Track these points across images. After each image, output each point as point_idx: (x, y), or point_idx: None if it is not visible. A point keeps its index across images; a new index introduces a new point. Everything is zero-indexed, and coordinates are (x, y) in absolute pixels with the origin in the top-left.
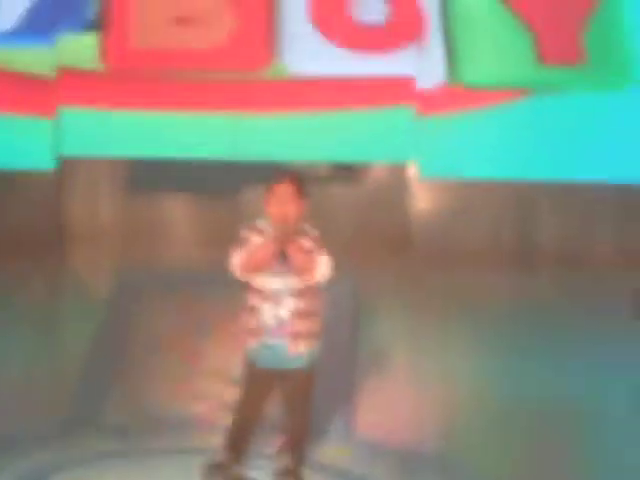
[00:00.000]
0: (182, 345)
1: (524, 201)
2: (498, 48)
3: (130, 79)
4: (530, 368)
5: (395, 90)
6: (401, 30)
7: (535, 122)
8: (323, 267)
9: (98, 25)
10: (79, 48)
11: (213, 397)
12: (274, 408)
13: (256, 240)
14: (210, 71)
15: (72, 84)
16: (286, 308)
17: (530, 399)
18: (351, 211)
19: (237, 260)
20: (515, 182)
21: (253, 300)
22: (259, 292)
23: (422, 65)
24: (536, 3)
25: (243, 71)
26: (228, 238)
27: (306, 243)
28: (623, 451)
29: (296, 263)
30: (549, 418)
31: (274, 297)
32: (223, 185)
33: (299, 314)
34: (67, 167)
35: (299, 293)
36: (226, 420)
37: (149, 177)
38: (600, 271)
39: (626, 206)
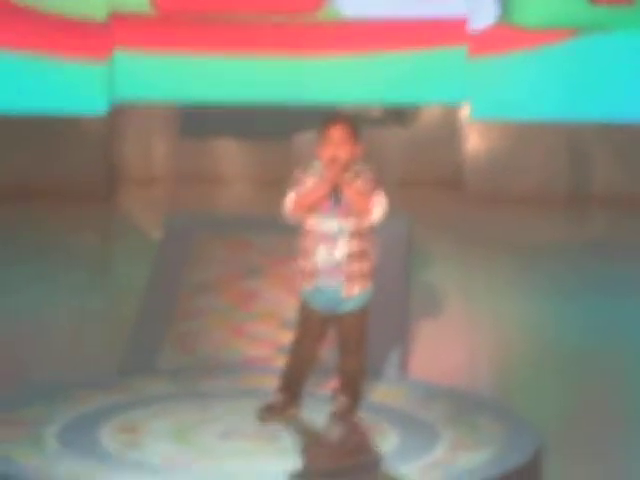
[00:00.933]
0: (235, 288)
1: (577, 142)
2: None
3: (181, 23)
4: (580, 310)
5: (447, 31)
6: None
7: (587, 62)
8: (378, 208)
9: None
10: None
11: (267, 339)
12: (329, 350)
13: (310, 182)
14: (262, 14)
15: (124, 28)
16: (340, 249)
17: (579, 340)
18: (404, 153)
19: (290, 201)
20: (567, 123)
21: (307, 242)
22: (313, 234)
23: (473, 6)
24: None
25: (295, 13)
26: (281, 181)
27: (360, 184)
28: None
29: (351, 204)
30: (596, 359)
31: (328, 239)
32: (276, 129)
33: (353, 256)
34: (120, 112)
35: (353, 234)
36: (280, 362)
37: (202, 122)
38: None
39: None
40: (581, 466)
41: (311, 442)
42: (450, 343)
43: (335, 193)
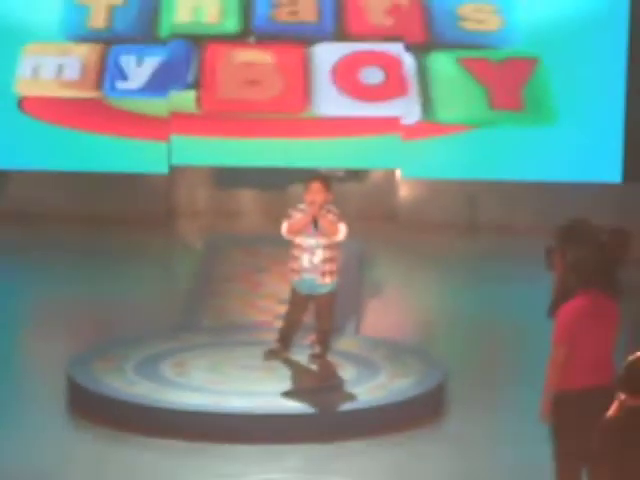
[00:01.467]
0: (249, 279)
1: (472, 192)
2: (461, 97)
3: (216, 118)
4: (478, 294)
5: (388, 124)
6: (392, 89)
7: (483, 144)
8: (342, 231)
9: (196, 85)
10: (184, 99)
11: (270, 311)
12: (309, 317)
13: (297, 215)
14: (268, 113)
15: (179, 122)
16: (317, 256)
17: (478, 315)
18: (358, 198)
19: (285, 227)
20: (467, 180)
21: (296, 251)
22: (300, 246)
23: (406, 109)
24: (487, 69)
25: (289, 113)
26: (281, 215)
27: (331, 217)
28: (536, 347)
29: (324, 229)
30: (490, 326)
31: (310, 249)
32: (276, 183)
33: (325, 259)
34: (175, 172)
35: (326, 247)
36: (278, 324)
37: (229, 177)
38: (522, 237)
39: (542, 196)
40: (478, 393)
41: (298, 373)
42: (389, 313)
43: (314, 222)
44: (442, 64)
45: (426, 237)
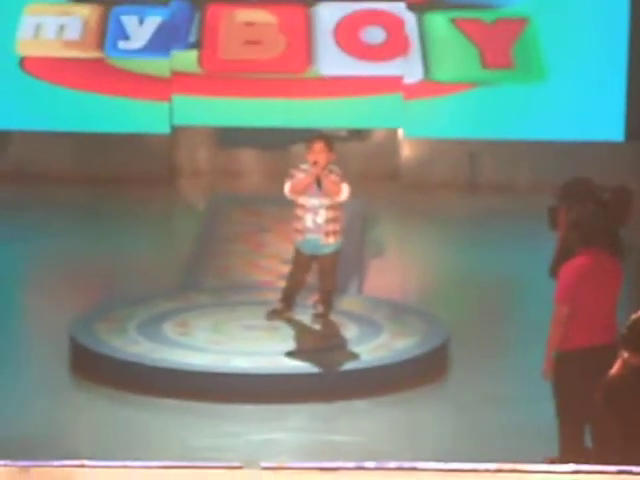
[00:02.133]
0: (252, 239)
1: (472, 150)
2: (455, 57)
3: (218, 78)
4: (480, 253)
5: (390, 84)
6: (393, 48)
7: (480, 103)
8: (345, 191)
9: (198, 45)
10: (185, 59)
11: (273, 271)
12: (313, 277)
13: (300, 175)
14: (270, 73)
15: (180, 82)
16: (320, 216)
17: (479, 274)
18: (361, 158)
19: (288, 187)
20: (466, 139)
21: (299, 211)
22: (303, 206)
23: (407, 69)
24: (480, 29)
25: (290, 73)
26: (282, 175)
27: (333, 177)
28: (538, 306)
29: (327, 189)
30: (492, 287)
31: (313, 210)
32: (278, 142)
33: (328, 220)
34: (177, 132)
35: (329, 207)
36: (281, 284)
37: (231, 137)
38: (523, 195)
39: (543, 155)
40: (480, 353)
41: (301, 332)
42: (390, 273)
43: (318, 182)
44: (438, 24)
45: (428, 196)
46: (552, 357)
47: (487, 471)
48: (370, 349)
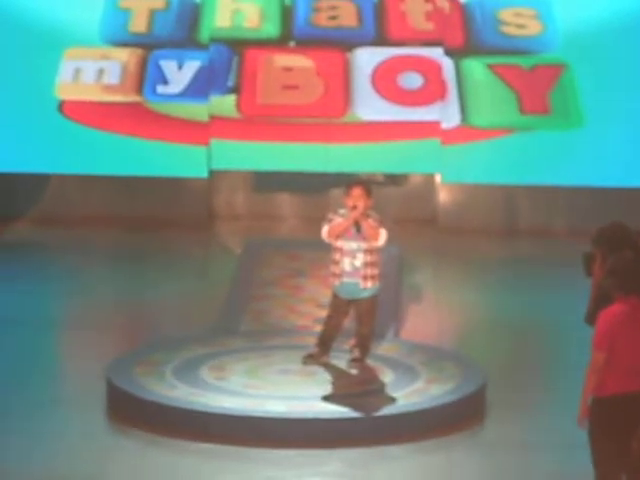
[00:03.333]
0: (289, 283)
1: (509, 196)
2: (493, 103)
3: (256, 123)
4: (516, 299)
5: (428, 129)
6: (431, 93)
7: (517, 149)
8: (382, 236)
9: (236, 89)
10: (224, 104)
11: (309, 315)
12: (350, 322)
13: (338, 220)
14: (307, 117)
15: (219, 126)
16: (359, 260)
17: (515, 319)
18: (398, 203)
19: (326, 230)
20: (503, 185)
21: (337, 255)
22: (341, 250)
23: (445, 114)
24: (518, 75)
25: (329, 117)
26: (321, 220)
27: (372, 222)
28: (573, 352)
29: (366, 233)
30: (527, 332)
31: (351, 253)
32: (316, 187)
33: (366, 264)
34: (215, 176)
35: (366, 251)
36: (317, 329)
37: (269, 183)
38: (559, 241)
39: (580, 201)
40: (516, 399)
41: (337, 377)
42: (427, 318)
43: (356, 226)
44: (475, 69)
45: (464, 241)
46: (587, 403)
47: None
48: (406, 394)
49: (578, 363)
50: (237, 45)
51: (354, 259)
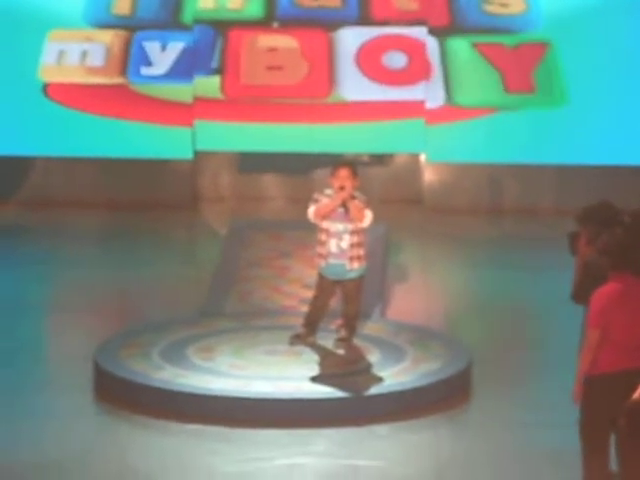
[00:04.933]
0: (274, 263)
1: (494, 175)
2: (477, 82)
3: (240, 103)
4: (502, 278)
5: (412, 109)
6: (415, 73)
7: (501, 128)
8: (368, 217)
9: (220, 71)
10: (208, 85)
11: (295, 295)
12: (336, 302)
13: (325, 200)
14: (292, 98)
15: (203, 107)
16: (345, 241)
17: (500, 298)
18: (384, 183)
19: (312, 211)
20: (488, 164)
21: (323, 236)
22: (327, 231)
23: (429, 93)
24: (502, 54)
25: (313, 98)
26: (306, 200)
27: (357, 203)
28: (559, 332)
29: (352, 214)
30: (514, 310)
31: (337, 234)
32: (302, 168)
33: (353, 245)
34: (200, 157)
35: (353, 232)
36: (304, 309)
37: (254, 164)
38: (545, 220)
39: (565, 179)
40: (502, 378)
41: (324, 357)
42: (413, 298)
43: (343, 207)
44: (460, 48)
45: (450, 221)
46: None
47: None
48: (393, 374)
49: (565, 341)
50: (221, 26)
51: (340, 240)
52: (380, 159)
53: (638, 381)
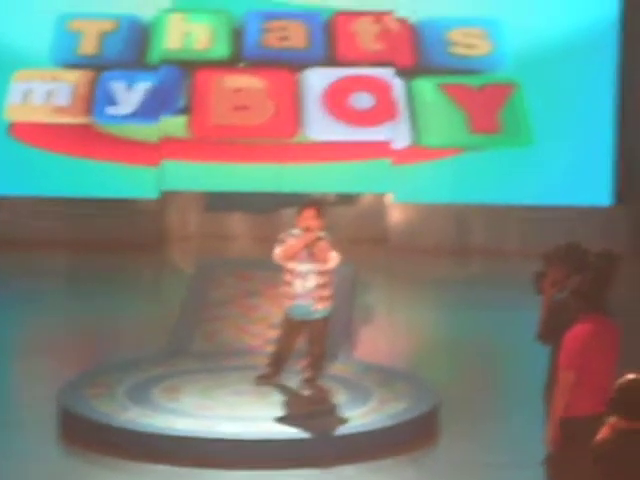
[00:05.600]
0: (241, 303)
1: (460, 215)
2: (443, 122)
3: (207, 143)
4: (468, 318)
5: (379, 149)
6: (382, 113)
7: (468, 169)
8: (334, 258)
9: (187, 110)
10: (174, 124)
11: (261, 335)
12: (302, 342)
13: (291, 241)
14: (258, 138)
15: (169, 147)
16: (310, 282)
17: (466, 338)
18: (350, 223)
19: (278, 252)
20: (454, 204)
21: (288, 276)
22: (292, 272)
23: (396, 134)
24: (467, 95)
25: (280, 138)
26: (273, 240)
27: (323, 244)
28: (527, 371)
29: (317, 255)
30: (481, 351)
31: (302, 275)
32: (269, 207)
33: (318, 286)
34: (167, 197)
35: (319, 273)
36: (270, 349)
37: (221, 203)
38: (511, 260)
39: (531, 219)
40: (469, 418)
41: (290, 397)
42: (380, 337)
43: (308, 248)
44: (425, 89)
45: (417, 261)
46: (557, 424)
47: None
48: (359, 414)
49: (532, 382)
50: (188, 66)
51: (306, 281)
52: (347, 199)
53: None
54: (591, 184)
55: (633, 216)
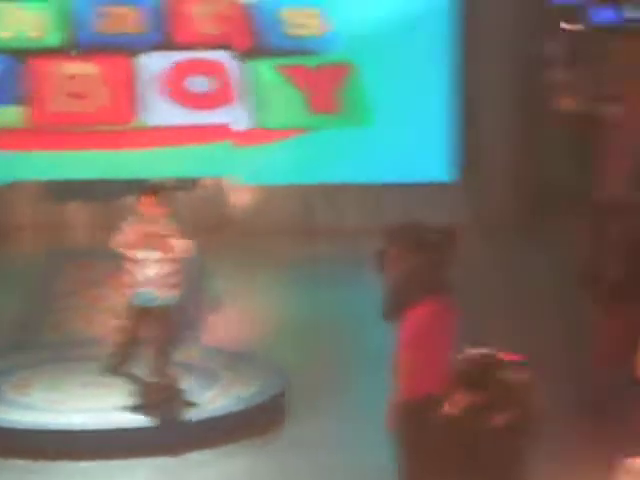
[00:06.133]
0: (88, 293)
1: (304, 195)
2: (282, 104)
3: (44, 132)
4: (315, 297)
5: (219, 132)
6: (220, 96)
7: (309, 149)
8: (175, 245)
9: (22, 99)
10: (9, 114)
11: (109, 324)
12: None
13: (130, 229)
14: (95, 125)
15: (5, 137)
16: (151, 270)
17: (316, 317)
18: (193, 208)
19: (117, 241)
20: (298, 185)
21: (128, 265)
22: (133, 260)
23: (235, 117)
24: (305, 75)
25: (117, 124)
26: (115, 228)
27: (163, 231)
28: (373, 349)
29: (158, 243)
30: (328, 331)
31: (143, 263)
32: (109, 195)
33: (160, 273)
34: (3, 188)
35: (160, 261)
36: (115, 338)
37: (59, 192)
38: (354, 239)
39: (369, 197)
40: (318, 399)
41: (138, 386)
42: (228, 323)
43: (147, 236)
44: (262, 71)
45: (262, 243)
46: (398, 404)
47: None
48: (207, 399)
49: (378, 361)
50: (21, 55)
51: (146, 268)
52: (188, 183)
53: None
54: (430, 161)
55: (472, 192)
